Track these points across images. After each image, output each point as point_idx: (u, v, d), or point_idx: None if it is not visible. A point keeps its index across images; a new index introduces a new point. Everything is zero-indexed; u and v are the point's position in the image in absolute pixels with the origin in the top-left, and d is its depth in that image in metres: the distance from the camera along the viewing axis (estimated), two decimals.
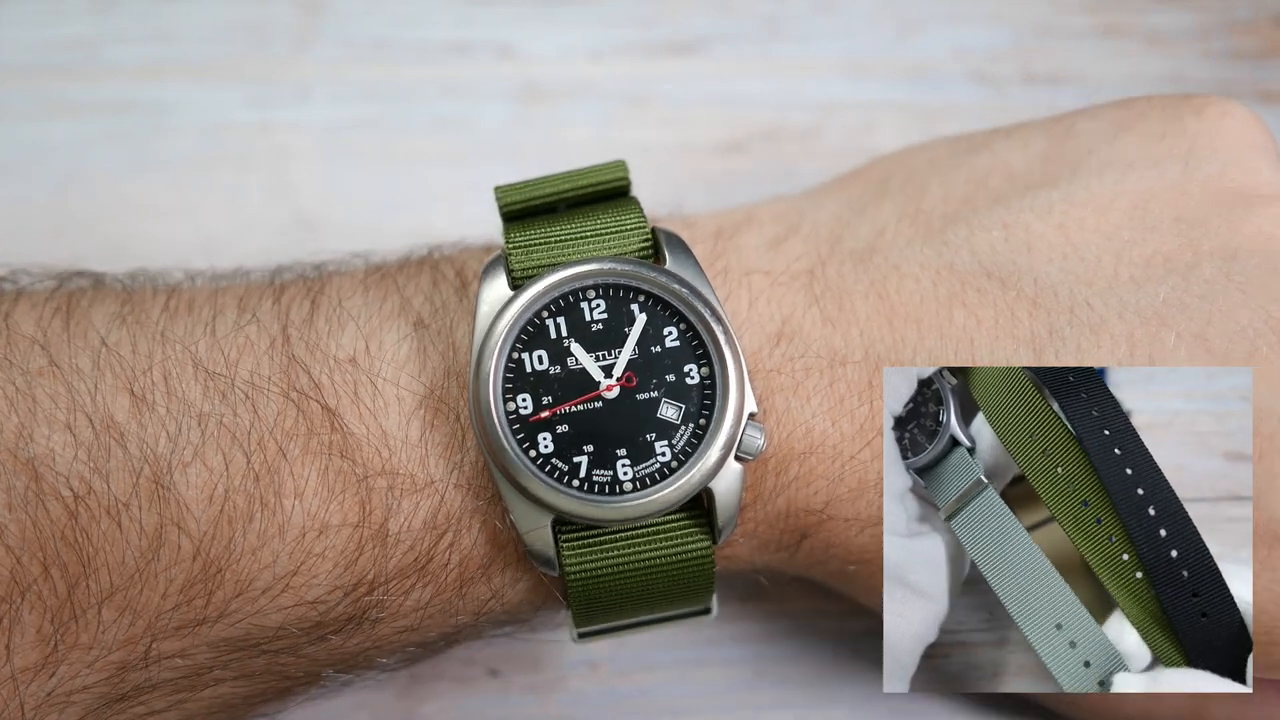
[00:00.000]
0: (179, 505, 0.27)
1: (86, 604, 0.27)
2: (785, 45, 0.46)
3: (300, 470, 0.28)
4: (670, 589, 0.30)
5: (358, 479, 0.28)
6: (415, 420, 0.29)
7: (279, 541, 0.28)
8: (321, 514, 0.28)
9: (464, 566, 0.30)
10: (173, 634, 0.28)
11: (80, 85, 0.44)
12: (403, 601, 0.29)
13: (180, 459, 0.28)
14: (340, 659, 0.30)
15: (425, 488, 0.29)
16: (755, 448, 0.29)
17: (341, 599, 0.29)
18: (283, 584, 0.28)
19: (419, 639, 0.31)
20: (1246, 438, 0.30)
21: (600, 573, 0.29)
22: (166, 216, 0.43)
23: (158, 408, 0.28)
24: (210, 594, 0.28)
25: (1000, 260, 0.31)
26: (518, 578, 0.31)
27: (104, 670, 0.28)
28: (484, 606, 0.31)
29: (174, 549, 0.27)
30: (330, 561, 0.28)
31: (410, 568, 0.29)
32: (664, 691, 0.38)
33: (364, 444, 0.29)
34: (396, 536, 0.29)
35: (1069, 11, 0.46)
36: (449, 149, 0.44)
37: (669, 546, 0.29)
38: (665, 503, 0.29)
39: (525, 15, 0.46)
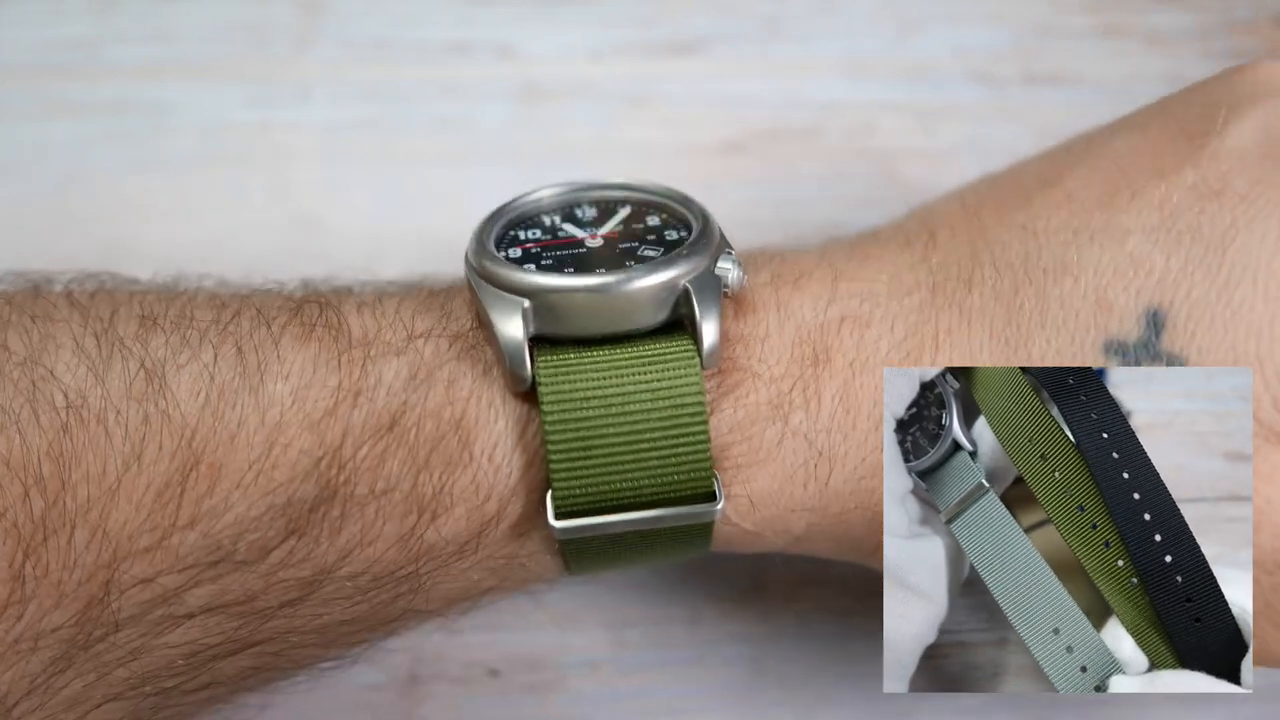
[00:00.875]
0: (167, 397, 0.27)
1: (60, 525, 0.26)
2: (785, 45, 0.46)
3: (290, 355, 0.28)
4: (656, 436, 0.27)
5: (339, 352, 0.28)
6: (406, 307, 0.29)
7: (256, 420, 0.27)
8: (302, 392, 0.27)
9: (437, 419, 0.28)
10: (140, 555, 0.26)
11: (80, 85, 0.44)
12: (373, 476, 0.27)
13: (176, 362, 0.27)
14: (314, 580, 0.28)
15: (404, 351, 0.28)
16: (735, 280, 0.28)
17: (311, 472, 0.27)
18: (254, 471, 0.27)
19: (393, 560, 0.28)
20: (1246, 438, 0.30)
21: (577, 395, 0.27)
22: (166, 216, 0.43)
23: (164, 328, 0.28)
24: (183, 494, 0.26)
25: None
26: (497, 447, 0.28)
27: (71, 609, 0.26)
28: (454, 485, 0.28)
29: (156, 446, 0.26)
30: (301, 429, 0.27)
31: (380, 427, 0.27)
32: (664, 691, 0.38)
33: (354, 329, 0.28)
34: (369, 394, 0.28)
35: (1069, 11, 0.46)
36: (449, 149, 0.44)
37: (653, 370, 0.27)
38: (641, 286, 0.27)
39: (525, 15, 0.46)
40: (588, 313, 0.28)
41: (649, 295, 0.28)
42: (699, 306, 0.28)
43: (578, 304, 0.28)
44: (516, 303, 0.28)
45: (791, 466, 0.29)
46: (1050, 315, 0.29)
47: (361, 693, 0.37)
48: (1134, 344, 0.28)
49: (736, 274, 0.29)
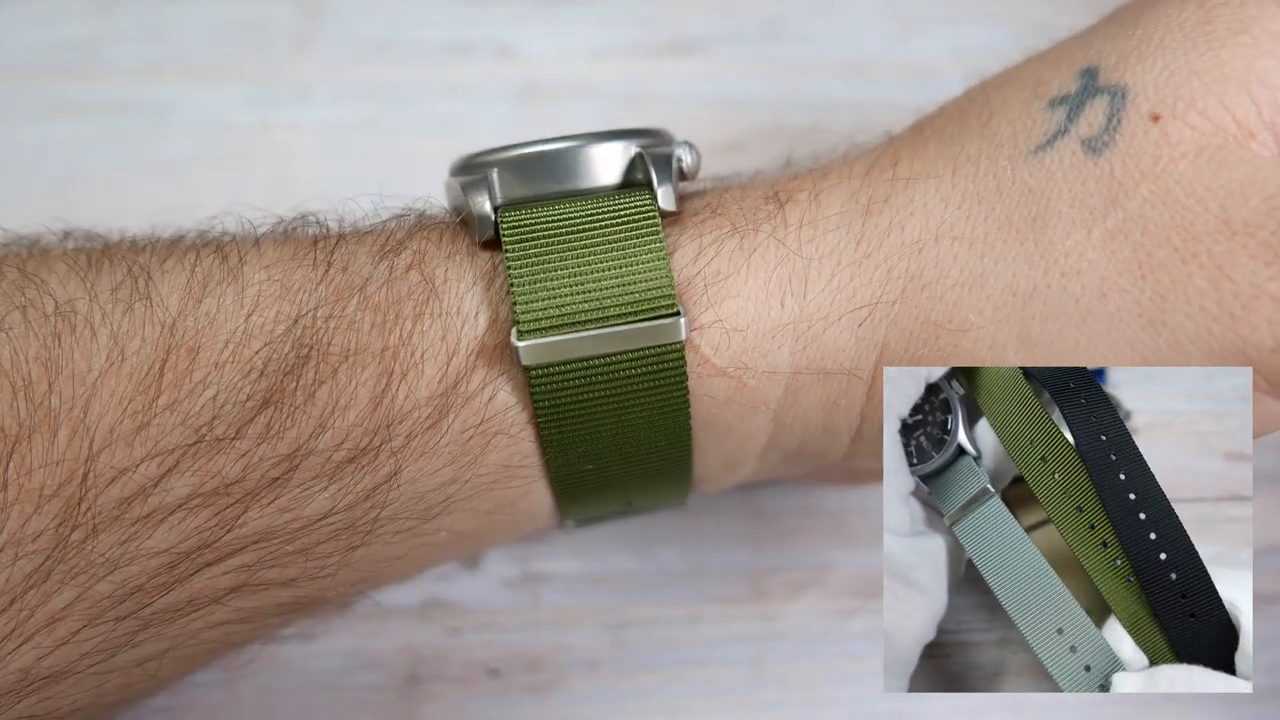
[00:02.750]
0: (155, 296, 0.27)
1: (41, 425, 0.26)
2: (785, 45, 0.46)
3: (268, 248, 0.28)
4: (614, 256, 0.28)
5: (315, 240, 0.29)
6: (384, 218, 0.30)
7: (234, 300, 0.27)
8: (277, 270, 0.28)
9: (405, 280, 0.28)
10: (120, 444, 0.26)
11: (80, 85, 0.44)
12: (344, 338, 0.27)
13: (161, 268, 0.28)
14: (291, 457, 0.27)
15: (378, 232, 0.29)
16: (691, 161, 0.30)
17: (285, 337, 0.27)
18: (231, 347, 0.27)
19: (368, 429, 0.28)
20: (1246, 438, 0.30)
21: (537, 227, 0.28)
22: (167, 217, 0.43)
23: (154, 246, 0.29)
24: (161, 378, 0.26)
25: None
26: (464, 299, 0.28)
27: (50, 511, 0.26)
28: (424, 339, 0.28)
29: (139, 340, 0.26)
30: (275, 300, 0.27)
31: (351, 288, 0.28)
32: (664, 691, 0.38)
33: (332, 228, 0.29)
34: (341, 264, 0.28)
35: (1069, 11, 0.46)
36: (449, 149, 0.44)
37: (608, 204, 0.28)
38: (599, 147, 0.29)
39: (525, 15, 0.46)
40: (544, 169, 0.29)
41: (604, 154, 0.29)
42: (653, 169, 0.29)
43: (540, 160, 0.29)
44: (484, 175, 0.29)
45: (764, 281, 0.28)
46: (993, 103, 0.30)
47: (361, 693, 0.37)
48: (1074, 94, 0.28)
49: (692, 157, 0.30)
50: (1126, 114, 0.27)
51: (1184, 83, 0.27)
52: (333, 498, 0.28)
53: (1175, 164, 0.26)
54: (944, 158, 0.29)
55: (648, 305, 0.27)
